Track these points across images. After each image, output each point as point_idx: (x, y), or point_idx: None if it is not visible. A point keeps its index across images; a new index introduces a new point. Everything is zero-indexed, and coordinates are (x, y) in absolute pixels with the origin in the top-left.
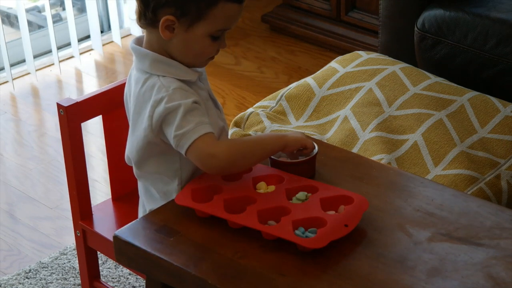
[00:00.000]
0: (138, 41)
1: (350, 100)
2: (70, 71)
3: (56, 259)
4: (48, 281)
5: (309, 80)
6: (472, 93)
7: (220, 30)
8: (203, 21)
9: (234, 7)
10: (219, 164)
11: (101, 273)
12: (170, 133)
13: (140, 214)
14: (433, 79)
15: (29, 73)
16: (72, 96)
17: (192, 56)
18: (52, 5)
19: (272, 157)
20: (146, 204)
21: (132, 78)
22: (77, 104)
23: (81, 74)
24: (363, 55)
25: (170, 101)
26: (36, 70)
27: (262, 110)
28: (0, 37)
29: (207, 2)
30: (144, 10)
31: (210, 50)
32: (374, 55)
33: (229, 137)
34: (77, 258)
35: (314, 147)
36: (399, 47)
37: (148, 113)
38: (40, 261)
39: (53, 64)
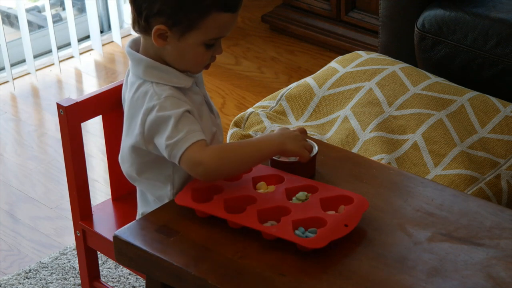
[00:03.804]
0: (134, 43)
1: (350, 100)
2: (70, 71)
3: (56, 259)
4: (48, 281)
5: (309, 80)
6: (472, 93)
7: (213, 39)
8: (195, 31)
9: (227, 16)
10: (206, 170)
11: (101, 273)
12: (161, 143)
13: (138, 216)
14: (433, 79)
15: (29, 73)
16: (72, 96)
17: (186, 64)
18: (52, 5)
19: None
20: (139, 207)
21: (128, 80)
22: (77, 104)
23: (81, 74)
24: (363, 55)
25: (161, 110)
26: (36, 70)
27: (262, 110)
28: (0, 37)
29: (199, 13)
30: (137, 18)
31: (204, 58)
32: (374, 55)
33: (228, 137)
34: (77, 258)
35: (312, 150)
36: (399, 47)
37: (140, 120)
38: (40, 261)
39: (53, 64)
